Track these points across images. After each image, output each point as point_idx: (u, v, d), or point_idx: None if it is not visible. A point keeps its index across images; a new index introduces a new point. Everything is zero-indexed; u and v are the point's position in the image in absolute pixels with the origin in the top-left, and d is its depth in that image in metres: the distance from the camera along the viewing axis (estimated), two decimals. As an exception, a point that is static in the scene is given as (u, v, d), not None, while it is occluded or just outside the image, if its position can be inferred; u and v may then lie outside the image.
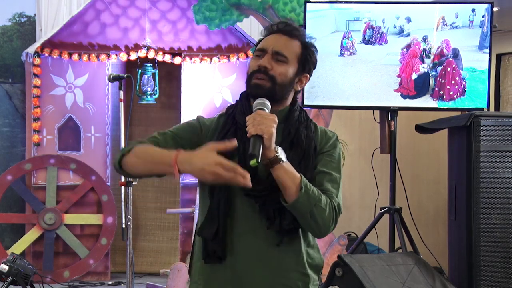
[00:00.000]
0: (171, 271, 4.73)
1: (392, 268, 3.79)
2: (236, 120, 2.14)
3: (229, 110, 2.21)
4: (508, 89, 6.73)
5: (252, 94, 2.13)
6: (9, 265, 4.67)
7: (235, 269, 2.09)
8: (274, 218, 2.06)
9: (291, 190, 2.01)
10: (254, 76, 2.13)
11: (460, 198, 4.47)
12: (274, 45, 2.13)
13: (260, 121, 1.97)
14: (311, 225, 2.06)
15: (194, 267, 2.20)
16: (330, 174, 2.14)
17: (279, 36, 2.15)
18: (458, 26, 4.68)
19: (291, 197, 2.01)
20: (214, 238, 2.06)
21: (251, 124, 1.98)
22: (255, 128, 1.96)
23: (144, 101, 6.34)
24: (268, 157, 1.99)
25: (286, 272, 2.11)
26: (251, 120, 1.99)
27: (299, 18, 5.62)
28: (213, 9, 5.73)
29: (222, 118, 2.20)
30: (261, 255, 2.08)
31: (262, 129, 1.96)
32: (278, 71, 2.11)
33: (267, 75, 2.11)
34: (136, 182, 4.27)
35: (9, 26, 6.68)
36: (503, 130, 4.31)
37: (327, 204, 2.07)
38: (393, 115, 4.79)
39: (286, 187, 2.01)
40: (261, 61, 2.12)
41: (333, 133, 2.25)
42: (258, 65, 2.12)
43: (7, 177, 5.98)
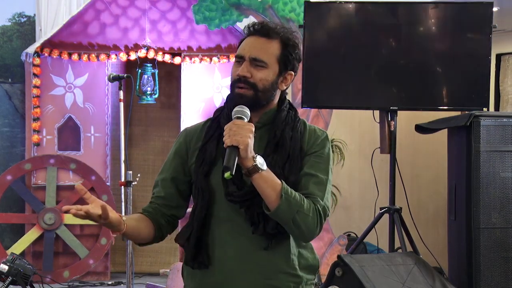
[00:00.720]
0: (170, 271, 4.72)
1: (392, 268, 3.79)
2: (221, 125, 2.11)
3: (216, 113, 2.21)
4: (508, 89, 6.73)
5: (235, 103, 2.09)
6: (9, 265, 4.67)
7: (223, 273, 2.09)
8: (258, 222, 2.05)
9: (271, 198, 2.00)
10: (235, 85, 2.11)
11: (460, 198, 4.47)
12: (251, 51, 2.09)
13: (236, 132, 1.95)
14: (294, 231, 2.06)
15: (185, 272, 2.22)
16: (316, 176, 2.11)
17: (256, 39, 2.12)
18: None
19: (272, 205, 2.00)
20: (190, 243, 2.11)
21: (227, 135, 1.96)
22: (230, 139, 1.94)
23: (144, 101, 6.35)
24: (246, 167, 1.97)
25: (275, 274, 2.10)
26: (227, 130, 1.97)
27: (299, 18, 5.62)
28: (213, 9, 5.73)
29: (209, 123, 2.20)
30: (249, 259, 2.08)
31: (237, 140, 1.94)
32: (258, 77, 2.09)
33: (247, 84, 2.08)
34: (136, 182, 4.27)
35: (8, 26, 6.68)
36: (503, 130, 4.31)
37: (310, 209, 2.04)
38: (393, 115, 4.78)
39: (266, 195, 2.00)
40: (240, 70, 2.09)
41: (323, 131, 2.21)
42: (237, 75, 2.10)
43: (7, 177, 5.98)
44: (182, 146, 2.21)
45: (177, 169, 2.20)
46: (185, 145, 2.20)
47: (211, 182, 2.09)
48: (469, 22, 4.67)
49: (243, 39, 2.16)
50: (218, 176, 2.06)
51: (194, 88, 6.17)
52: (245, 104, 2.06)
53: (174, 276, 4.67)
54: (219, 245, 2.09)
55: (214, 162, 2.08)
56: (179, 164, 2.19)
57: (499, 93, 6.76)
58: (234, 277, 2.08)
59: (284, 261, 2.11)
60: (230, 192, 2.05)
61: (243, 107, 2.05)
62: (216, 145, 2.10)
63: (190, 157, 2.17)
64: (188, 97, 6.16)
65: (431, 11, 4.72)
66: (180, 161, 2.20)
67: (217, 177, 2.07)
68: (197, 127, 2.23)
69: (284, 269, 2.11)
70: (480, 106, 4.71)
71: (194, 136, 2.19)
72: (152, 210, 2.19)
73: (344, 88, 4.75)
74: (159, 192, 2.20)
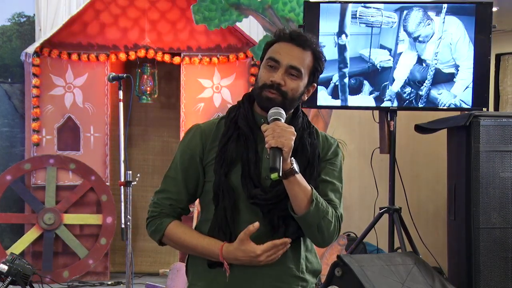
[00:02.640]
0: (170, 271, 4.72)
1: (391, 268, 3.79)
2: (239, 125, 2.11)
3: (231, 113, 2.17)
4: (508, 89, 6.73)
5: (261, 106, 2.11)
6: (8, 265, 4.66)
7: (236, 274, 2.09)
8: (278, 226, 2.07)
9: (302, 202, 2.02)
10: (265, 89, 2.09)
11: (459, 198, 4.47)
12: (289, 59, 2.08)
13: (280, 133, 1.96)
14: (316, 236, 2.08)
15: (192, 271, 2.19)
16: (333, 184, 2.15)
17: (293, 47, 2.10)
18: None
19: (302, 209, 2.02)
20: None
21: (270, 135, 1.96)
22: (275, 140, 1.95)
23: (143, 101, 6.35)
24: (284, 169, 1.98)
25: (286, 277, 2.12)
26: (270, 131, 1.97)
27: (299, 18, 5.62)
28: (213, 9, 5.72)
29: (223, 121, 2.18)
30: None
31: (282, 142, 1.95)
32: (290, 86, 2.09)
33: (279, 91, 2.07)
34: (135, 182, 4.27)
35: (8, 26, 6.68)
36: (502, 130, 4.31)
37: (333, 216, 2.08)
38: (392, 115, 4.79)
39: (297, 199, 2.02)
40: (275, 77, 2.07)
41: (334, 139, 2.25)
42: (271, 81, 2.07)
43: (7, 177, 5.97)
44: (197, 144, 2.16)
45: (192, 168, 2.16)
46: (201, 144, 2.15)
47: (232, 183, 2.08)
48: (469, 22, 4.68)
49: (272, 42, 2.15)
50: (236, 177, 2.07)
51: (193, 88, 6.17)
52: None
53: (173, 276, 4.67)
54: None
55: (234, 163, 2.08)
56: (194, 163, 2.15)
57: (498, 93, 6.76)
58: (247, 278, 2.09)
59: (294, 264, 2.13)
60: (254, 195, 2.05)
61: (279, 109, 2.05)
62: (236, 146, 2.09)
63: (206, 156, 2.14)
64: (187, 97, 6.16)
65: (431, 11, 4.73)
66: (196, 160, 2.15)
67: (236, 178, 2.07)
68: (210, 125, 2.19)
69: (294, 273, 2.13)
70: (480, 106, 4.72)
71: (210, 135, 2.16)
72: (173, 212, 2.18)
73: (342, 88, 4.75)
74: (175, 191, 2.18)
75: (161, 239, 2.15)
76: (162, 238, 2.15)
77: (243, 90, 6.15)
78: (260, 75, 2.12)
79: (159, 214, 2.17)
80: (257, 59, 5.93)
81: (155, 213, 2.17)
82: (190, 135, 2.19)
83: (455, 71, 4.75)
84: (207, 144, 2.14)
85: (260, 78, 2.11)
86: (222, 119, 2.19)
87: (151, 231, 2.18)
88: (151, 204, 2.21)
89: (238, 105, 2.19)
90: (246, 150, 2.06)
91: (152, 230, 2.17)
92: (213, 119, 2.23)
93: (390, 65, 4.77)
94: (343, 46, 4.75)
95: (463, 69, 4.74)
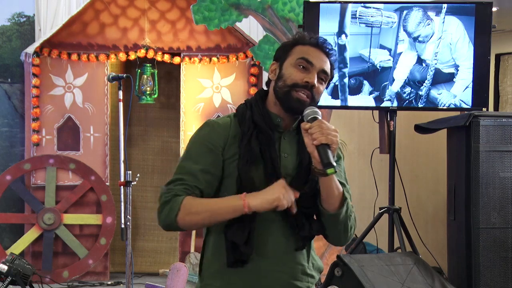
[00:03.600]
0: (170, 271, 4.72)
1: (391, 268, 3.79)
2: (257, 124, 2.12)
3: (245, 112, 2.16)
4: (507, 89, 6.73)
5: (290, 107, 2.12)
6: (8, 265, 4.67)
7: (255, 273, 2.10)
8: (303, 224, 2.09)
9: (336, 199, 2.06)
10: (298, 89, 2.10)
11: (459, 198, 4.47)
12: (321, 63, 2.12)
13: (328, 131, 2.00)
14: (340, 234, 2.13)
15: (207, 271, 2.17)
16: (344, 185, 2.17)
17: (320, 53, 2.14)
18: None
19: (334, 207, 2.07)
20: (246, 243, 2.06)
21: (319, 132, 1.99)
22: (325, 137, 1.99)
23: (143, 101, 6.35)
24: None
25: (299, 274, 2.15)
26: (317, 128, 2.00)
27: (298, 18, 5.62)
28: (212, 9, 5.72)
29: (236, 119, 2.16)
30: (281, 259, 2.11)
31: (331, 139, 1.99)
32: (319, 90, 2.14)
33: (311, 93, 2.11)
34: (135, 182, 4.27)
35: (8, 26, 6.68)
36: (502, 130, 4.31)
37: (354, 216, 2.14)
38: (392, 115, 4.79)
39: (332, 196, 2.06)
40: (311, 78, 2.10)
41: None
42: (306, 81, 2.09)
43: (6, 177, 5.97)
44: (218, 139, 2.12)
45: (210, 161, 2.11)
46: (221, 139, 2.12)
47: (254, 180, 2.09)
48: (469, 22, 4.68)
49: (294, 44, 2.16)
50: (259, 175, 2.08)
51: (193, 88, 6.17)
52: (301, 112, 2.10)
53: (173, 276, 4.67)
54: (261, 244, 2.09)
55: (255, 160, 2.08)
56: (214, 157, 2.11)
57: (498, 93, 6.76)
58: (264, 277, 2.10)
59: (306, 262, 2.17)
60: None
61: (314, 108, 2.09)
62: (257, 145, 2.10)
63: (225, 152, 2.12)
64: (187, 97, 6.16)
65: (431, 11, 4.73)
66: (216, 153, 2.11)
67: (258, 176, 2.08)
68: (226, 122, 2.16)
69: (306, 270, 2.16)
70: (480, 106, 4.72)
71: (228, 132, 2.14)
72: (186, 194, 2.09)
73: (342, 88, 4.75)
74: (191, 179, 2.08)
75: (177, 215, 2.03)
76: (178, 214, 2.03)
77: (243, 90, 6.16)
78: (290, 74, 2.12)
79: (172, 196, 2.06)
80: (257, 59, 5.93)
81: (168, 198, 2.06)
82: (208, 129, 2.15)
83: (455, 71, 4.75)
84: (228, 140, 2.13)
85: (290, 77, 2.11)
86: (235, 117, 2.17)
87: (166, 213, 2.05)
88: (162, 193, 2.08)
89: (250, 103, 2.19)
90: (269, 149, 2.08)
91: (167, 213, 2.05)
92: (224, 117, 2.21)
93: (390, 65, 4.77)
94: (343, 46, 4.75)
95: (463, 69, 4.74)
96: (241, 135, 2.11)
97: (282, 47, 2.20)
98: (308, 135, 2.02)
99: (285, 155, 2.11)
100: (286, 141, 2.14)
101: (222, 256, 2.09)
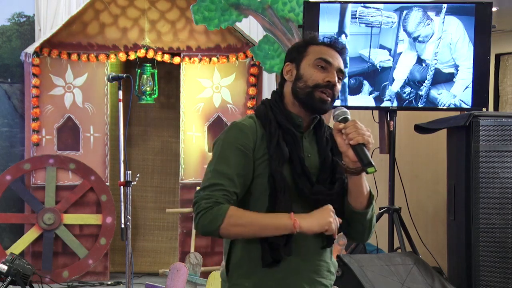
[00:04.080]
0: (170, 271, 4.72)
1: (391, 268, 3.79)
2: (281, 124, 2.14)
3: (266, 113, 2.17)
4: (507, 89, 6.73)
5: (314, 107, 2.15)
6: (8, 265, 4.67)
7: (286, 271, 2.11)
8: None
9: (365, 199, 2.13)
10: (319, 89, 2.13)
11: (459, 198, 4.47)
12: (338, 62, 2.16)
13: (363, 131, 2.05)
14: (364, 232, 2.18)
15: (237, 271, 2.17)
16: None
17: (335, 53, 2.18)
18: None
19: (363, 205, 2.13)
20: (286, 243, 2.07)
21: (355, 132, 2.04)
22: (362, 137, 2.04)
23: (143, 101, 6.35)
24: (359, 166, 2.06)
25: (324, 272, 2.18)
26: (353, 128, 2.04)
27: (298, 18, 5.62)
28: (212, 9, 5.72)
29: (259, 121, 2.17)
30: (309, 257, 2.14)
31: (367, 139, 2.04)
32: (338, 88, 2.17)
33: (332, 91, 2.14)
34: (135, 182, 4.27)
35: (8, 26, 6.68)
36: (502, 130, 4.31)
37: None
38: (392, 115, 4.79)
39: (362, 194, 2.12)
40: (332, 77, 2.13)
41: None
42: (328, 81, 2.13)
43: (6, 177, 5.97)
44: (249, 141, 2.12)
45: (244, 163, 2.11)
46: (251, 140, 2.13)
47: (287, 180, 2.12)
48: (469, 22, 4.68)
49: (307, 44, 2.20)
50: (288, 174, 2.10)
51: (193, 88, 6.17)
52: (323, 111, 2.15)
53: (173, 276, 4.67)
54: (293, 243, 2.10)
55: (286, 161, 2.12)
56: (247, 159, 2.12)
57: (498, 93, 6.76)
58: (294, 275, 2.12)
59: (330, 259, 2.21)
60: (318, 191, 2.10)
61: (343, 108, 2.13)
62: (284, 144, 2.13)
63: (255, 153, 2.12)
64: (187, 97, 6.16)
65: (431, 11, 4.73)
66: (248, 155, 2.12)
67: (287, 175, 2.10)
68: (251, 124, 2.17)
69: (330, 268, 2.21)
70: (479, 106, 4.72)
71: (255, 133, 2.15)
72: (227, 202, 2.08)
73: (342, 87, 4.75)
74: (228, 184, 2.08)
75: (221, 225, 2.03)
76: (222, 223, 2.03)
77: (243, 90, 6.16)
78: (310, 74, 2.15)
79: (214, 203, 2.04)
80: (257, 59, 5.93)
81: (209, 204, 2.04)
82: (236, 131, 2.15)
83: (454, 71, 4.75)
84: (256, 141, 2.14)
85: (310, 78, 2.14)
86: (257, 119, 2.18)
87: (208, 221, 2.03)
88: (201, 197, 2.07)
89: (268, 104, 2.20)
90: (296, 149, 2.11)
91: (210, 220, 2.03)
92: (247, 118, 2.21)
93: (390, 65, 4.77)
94: (343, 46, 4.75)
95: (462, 69, 4.74)
96: (268, 136, 2.13)
97: (295, 48, 2.23)
98: (341, 135, 2.07)
99: (308, 154, 2.14)
100: (307, 141, 2.17)
101: (252, 257, 2.11)
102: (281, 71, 2.24)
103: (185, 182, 6.12)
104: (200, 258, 4.95)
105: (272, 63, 5.82)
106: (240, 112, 6.15)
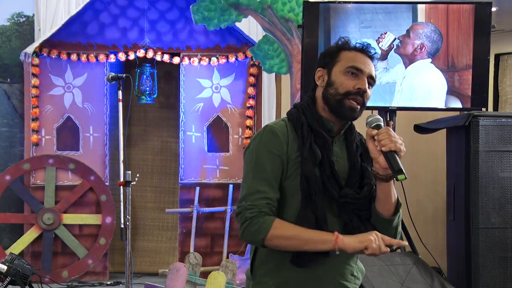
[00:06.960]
0: (169, 271, 4.72)
1: (390, 268, 3.79)
2: (313, 128, 2.17)
3: (299, 117, 2.21)
4: (507, 89, 6.73)
5: (343, 114, 2.17)
6: (7, 265, 4.66)
7: (309, 271, 2.14)
8: (358, 226, 2.14)
9: (392, 206, 2.14)
10: (351, 97, 2.16)
11: (458, 198, 4.47)
12: (369, 69, 2.17)
13: (396, 138, 2.07)
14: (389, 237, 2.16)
15: (262, 270, 2.20)
16: None
17: (366, 58, 2.19)
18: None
19: (390, 212, 2.15)
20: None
21: (388, 139, 2.06)
22: (394, 144, 2.06)
23: (142, 101, 6.35)
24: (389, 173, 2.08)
25: (348, 275, 2.21)
26: (386, 135, 2.07)
27: (298, 18, 5.62)
28: (212, 9, 5.73)
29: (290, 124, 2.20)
30: (333, 259, 2.14)
31: (399, 146, 2.06)
32: (368, 95, 2.19)
33: (363, 98, 2.16)
34: (134, 182, 4.27)
35: (7, 26, 6.68)
36: (501, 130, 4.31)
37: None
38: (391, 115, 4.79)
39: (389, 202, 2.13)
40: (363, 85, 2.15)
41: None
42: (358, 88, 2.15)
43: (6, 177, 5.97)
44: (282, 145, 2.16)
45: (278, 167, 2.15)
46: (284, 144, 2.16)
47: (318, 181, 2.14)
48: (468, 22, 4.68)
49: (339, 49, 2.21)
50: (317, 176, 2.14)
51: (193, 88, 6.17)
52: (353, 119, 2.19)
53: (173, 276, 4.67)
54: None
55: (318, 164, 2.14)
56: (280, 163, 2.15)
57: (497, 93, 6.77)
58: (319, 276, 2.15)
59: (353, 263, 2.23)
60: (346, 194, 2.12)
61: (376, 115, 2.16)
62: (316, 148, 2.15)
63: (288, 157, 2.16)
64: (187, 97, 6.16)
65: (430, 11, 4.73)
66: (282, 159, 2.15)
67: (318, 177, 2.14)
68: (283, 128, 2.20)
69: (353, 271, 2.23)
70: (479, 106, 4.72)
71: (287, 137, 2.18)
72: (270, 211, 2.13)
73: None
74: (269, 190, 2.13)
75: (266, 236, 2.09)
76: (267, 235, 2.08)
77: (242, 90, 6.16)
78: (341, 82, 2.17)
79: (259, 213, 2.10)
80: (257, 59, 5.93)
81: (254, 213, 2.10)
82: (270, 135, 2.18)
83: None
84: (288, 144, 2.17)
85: (341, 85, 2.16)
86: (289, 121, 2.22)
87: (253, 230, 2.09)
88: (244, 208, 2.12)
89: (301, 108, 2.23)
90: (327, 153, 2.14)
91: (255, 230, 2.09)
92: (279, 122, 2.24)
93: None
94: (343, 46, 4.75)
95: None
96: (301, 139, 2.16)
97: (327, 54, 2.24)
98: (373, 141, 2.10)
99: (338, 159, 2.17)
100: (337, 146, 2.20)
101: (278, 256, 2.14)
102: (313, 76, 2.27)
103: (184, 182, 6.12)
104: (199, 258, 4.95)
105: (271, 63, 5.82)
106: (240, 112, 6.16)
